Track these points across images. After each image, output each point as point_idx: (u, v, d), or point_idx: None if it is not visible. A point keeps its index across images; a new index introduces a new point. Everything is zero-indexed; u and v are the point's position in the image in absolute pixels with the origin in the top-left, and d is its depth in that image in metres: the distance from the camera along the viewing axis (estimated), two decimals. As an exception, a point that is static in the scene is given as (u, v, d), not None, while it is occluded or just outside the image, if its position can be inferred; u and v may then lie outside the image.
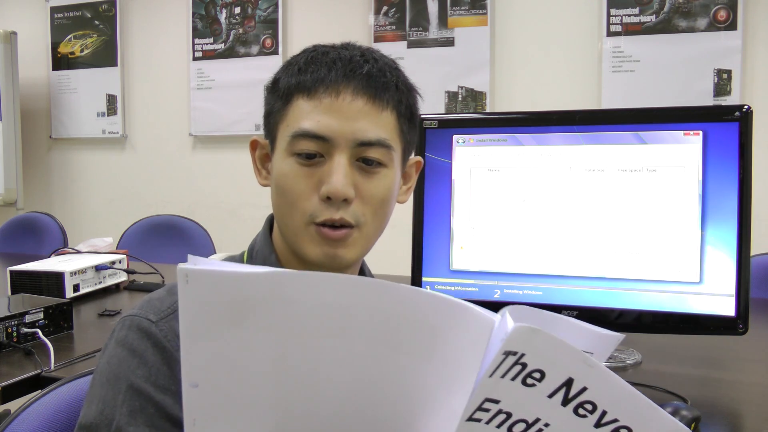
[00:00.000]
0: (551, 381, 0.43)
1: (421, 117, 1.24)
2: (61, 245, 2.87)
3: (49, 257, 2.18)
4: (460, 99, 3.36)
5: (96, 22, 4.19)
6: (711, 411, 1.08)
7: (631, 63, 3.06)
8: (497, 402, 0.44)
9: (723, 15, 2.92)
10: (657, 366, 1.31)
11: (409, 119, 0.79)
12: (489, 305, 0.51)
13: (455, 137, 1.32)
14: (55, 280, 1.85)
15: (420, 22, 3.41)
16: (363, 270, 0.89)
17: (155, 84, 4.09)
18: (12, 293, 1.85)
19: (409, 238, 1.33)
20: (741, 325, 1.18)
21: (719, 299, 1.18)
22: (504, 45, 3.30)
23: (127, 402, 0.66)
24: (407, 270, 1.34)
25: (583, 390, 0.43)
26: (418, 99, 0.81)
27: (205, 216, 3.56)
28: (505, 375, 0.42)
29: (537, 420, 0.44)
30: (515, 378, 0.42)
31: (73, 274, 1.88)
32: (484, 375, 0.43)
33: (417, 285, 1.33)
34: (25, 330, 1.45)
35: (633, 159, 1.23)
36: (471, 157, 1.31)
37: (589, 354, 0.43)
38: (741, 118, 1.17)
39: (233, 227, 3.77)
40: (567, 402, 0.43)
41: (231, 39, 3.83)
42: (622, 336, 0.57)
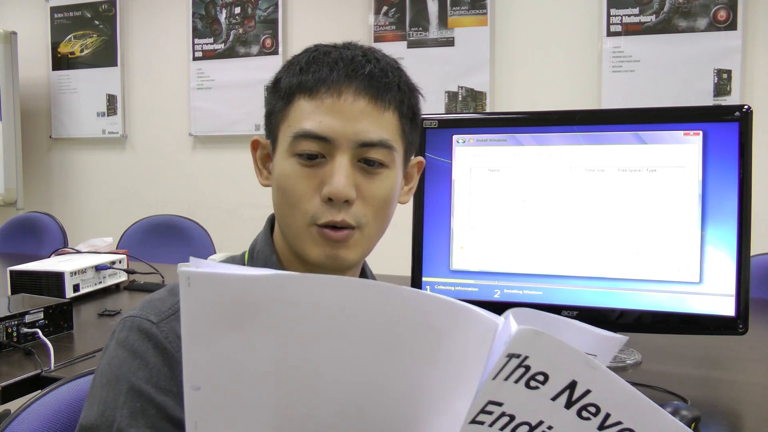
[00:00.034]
0: (555, 383, 0.43)
1: (421, 117, 1.24)
2: (61, 245, 2.86)
3: (49, 257, 2.18)
4: (460, 99, 3.36)
5: (96, 22, 4.19)
6: (711, 411, 1.08)
7: (631, 63, 3.06)
8: (501, 404, 0.43)
9: (723, 15, 2.91)
10: (657, 366, 1.31)
11: (411, 120, 0.79)
12: (489, 305, 0.51)
13: (455, 137, 1.32)
14: (55, 280, 1.85)
15: (420, 22, 3.41)
16: (364, 271, 0.89)
17: (155, 84, 4.08)
18: (12, 293, 1.85)
19: (409, 238, 1.33)
20: (741, 325, 1.18)
21: (719, 299, 1.18)
22: (504, 45, 3.30)
23: (128, 403, 0.66)
24: (407, 270, 1.34)
25: (587, 392, 0.43)
26: (420, 99, 0.81)
27: (205, 216, 3.56)
28: (509, 377, 0.42)
29: (540, 423, 0.44)
30: (519, 380, 0.42)
31: (73, 274, 1.88)
32: (487, 377, 0.42)
33: (417, 285, 1.33)
34: (25, 330, 1.45)
35: (633, 159, 1.23)
36: (471, 157, 1.31)
37: (593, 356, 0.43)
38: (741, 118, 1.17)
39: (233, 227, 3.77)
40: (570, 404, 0.43)
41: (231, 39, 3.83)
42: (625, 338, 0.57)
